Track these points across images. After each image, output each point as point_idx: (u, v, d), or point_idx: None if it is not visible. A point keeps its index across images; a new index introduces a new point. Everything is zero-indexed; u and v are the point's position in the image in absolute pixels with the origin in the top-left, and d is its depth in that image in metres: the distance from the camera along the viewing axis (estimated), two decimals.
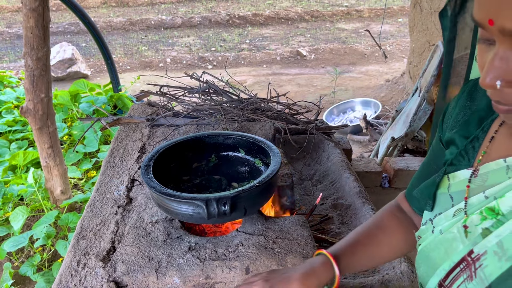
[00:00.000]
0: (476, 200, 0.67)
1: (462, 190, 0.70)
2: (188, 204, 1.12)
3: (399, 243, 0.92)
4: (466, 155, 0.73)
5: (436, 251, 0.71)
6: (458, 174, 0.72)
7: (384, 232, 0.92)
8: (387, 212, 0.96)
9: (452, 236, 0.69)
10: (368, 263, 0.93)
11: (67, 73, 6.16)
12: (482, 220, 0.64)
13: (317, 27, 8.93)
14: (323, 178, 1.84)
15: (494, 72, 0.54)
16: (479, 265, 0.63)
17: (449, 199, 0.73)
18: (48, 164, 2.68)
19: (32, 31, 2.38)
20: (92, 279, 1.10)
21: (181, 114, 1.93)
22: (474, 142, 0.73)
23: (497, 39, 0.54)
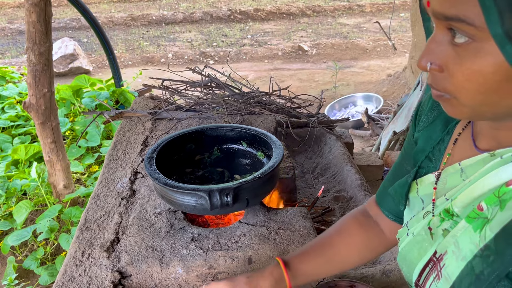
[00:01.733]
0: (439, 202, 0.68)
1: (429, 193, 0.72)
2: (191, 195, 1.13)
3: (359, 247, 0.90)
4: (433, 157, 0.74)
5: (411, 252, 0.73)
6: (424, 179, 0.74)
7: (341, 236, 0.90)
8: (349, 217, 0.93)
9: (421, 237, 0.70)
10: (325, 269, 0.90)
11: (69, 68, 6.17)
12: (441, 222, 0.66)
13: (319, 22, 8.91)
14: (324, 171, 1.85)
15: (428, 55, 0.55)
16: (443, 264, 0.64)
17: (420, 202, 0.74)
18: (51, 159, 2.70)
19: (34, 26, 2.39)
20: (96, 269, 1.12)
21: (184, 108, 1.94)
22: (440, 145, 0.74)
23: (435, 23, 0.54)
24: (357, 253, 0.90)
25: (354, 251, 0.90)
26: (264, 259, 1.13)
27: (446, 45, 0.53)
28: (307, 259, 0.88)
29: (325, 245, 0.89)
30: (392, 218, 0.87)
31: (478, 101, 0.54)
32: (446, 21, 0.51)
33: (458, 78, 0.53)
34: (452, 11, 0.50)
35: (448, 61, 0.54)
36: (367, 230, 0.91)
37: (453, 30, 0.52)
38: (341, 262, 0.90)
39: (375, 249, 0.92)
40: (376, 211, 0.91)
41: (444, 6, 0.50)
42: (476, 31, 0.49)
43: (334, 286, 1.09)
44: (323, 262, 0.88)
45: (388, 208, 0.87)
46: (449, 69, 0.54)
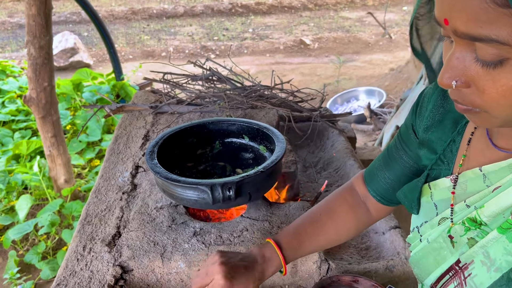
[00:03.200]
0: (458, 208, 0.67)
1: (445, 199, 0.70)
2: (193, 189, 1.12)
3: (347, 228, 0.94)
4: (445, 159, 0.73)
5: (425, 258, 0.72)
6: (438, 183, 0.72)
7: (331, 218, 0.93)
8: (338, 196, 0.96)
9: (439, 245, 0.69)
10: (314, 249, 0.95)
11: (69, 62, 6.15)
12: (466, 231, 0.65)
13: (321, 16, 8.86)
14: (327, 166, 1.83)
15: (450, 72, 0.53)
16: (468, 274, 0.63)
17: (433, 208, 0.73)
18: (51, 153, 2.69)
19: (35, 19, 2.37)
20: (98, 263, 1.11)
21: (185, 102, 1.92)
22: (451, 146, 0.72)
23: (453, 39, 0.53)
24: (345, 233, 0.95)
25: (343, 231, 0.94)
26: None
27: (472, 62, 0.52)
28: (299, 245, 0.91)
29: (316, 226, 0.92)
30: (378, 199, 0.90)
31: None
32: (472, 41, 0.50)
33: (492, 95, 0.51)
34: (480, 31, 0.47)
35: (477, 78, 0.52)
36: (356, 211, 0.93)
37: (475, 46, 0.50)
38: (329, 241, 0.94)
39: (362, 227, 0.96)
40: (363, 190, 0.93)
41: (470, 26, 0.48)
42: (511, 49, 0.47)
43: (337, 281, 1.08)
44: (311, 245, 0.92)
45: (375, 189, 0.90)
46: (479, 86, 0.52)
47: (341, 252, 1.33)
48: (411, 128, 0.81)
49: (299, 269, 1.15)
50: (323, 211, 0.94)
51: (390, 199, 0.89)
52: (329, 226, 0.92)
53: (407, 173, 0.84)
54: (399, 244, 1.29)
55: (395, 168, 0.85)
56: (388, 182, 0.87)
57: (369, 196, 0.91)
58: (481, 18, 0.46)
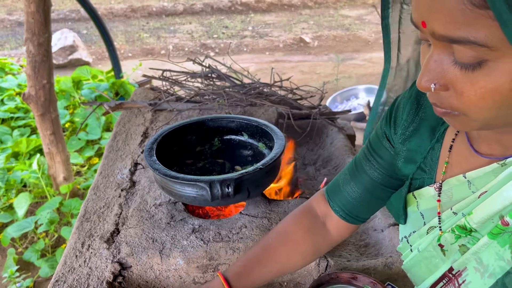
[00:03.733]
0: (445, 216, 0.67)
1: (431, 207, 0.70)
2: (192, 186, 1.12)
3: (302, 253, 0.88)
4: (426, 167, 0.72)
5: (417, 267, 0.72)
6: (423, 192, 0.71)
7: (284, 244, 0.87)
8: (293, 220, 0.89)
9: (430, 254, 0.69)
10: (265, 277, 0.87)
11: (68, 60, 6.13)
12: (457, 238, 0.64)
13: (321, 14, 8.85)
14: (326, 163, 1.83)
15: (429, 75, 0.53)
16: (462, 281, 0.63)
17: (420, 217, 0.72)
18: (50, 151, 2.69)
19: (33, 16, 2.37)
20: (96, 260, 1.11)
21: (184, 99, 1.92)
22: (431, 154, 0.71)
23: (431, 42, 0.52)
24: (300, 259, 0.88)
25: (296, 257, 0.88)
26: None
27: (450, 64, 0.51)
28: (249, 274, 0.85)
29: (267, 253, 0.86)
30: (342, 215, 0.85)
31: (491, 116, 0.52)
32: (450, 43, 0.49)
33: (470, 97, 0.51)
34: (458, 33, 0.47)
35: (455, 80, 0.51)
36: (315, 234, 0.87)
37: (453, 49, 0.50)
38: (282, 269, 0.88)
39: (320, 250, 0.90)
40: (324, 208, 0.88)
41: (447, 28, 0.47)
42: (489, 51, 0.46)
43: (336, 277, 1.08)
44: (265, 273, 0.86)
45: (340, 205, 0.85)
46: (457, 88, 0.52)
47: (340, 249, 1.33)
48: (384, 137, 0.79)
49: None
50: (276, 236, 0.88)
51: (356, 215, 0.84)
52: (281, 252, 0.86)
53: (377, 184, 0.80)
54: (398, 241, 1.29)
55: (364, 180, 0.81)
56: (356, 196, 0.82)
57: (331, 214, 0.86)
58: (458, 20, 0.46)
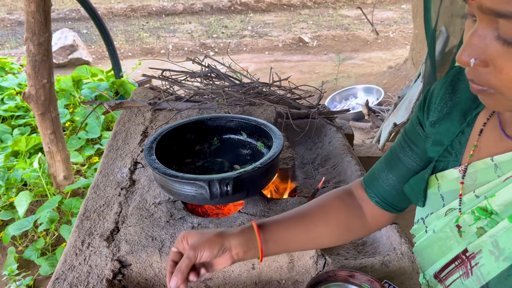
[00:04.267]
0: (467, 199, 0.67)
1: (453, 190, 0.70)
2: (191, 184, 1.13)
3: (339, 226, 0.86)
4: (453, 150, 0.72)
5: (430, 248, 0.72)
6: (446, 174, 0.71)
7: (322, 211, 0.85)
8: (334, 195, 0.89)
9: (445, 235, 0.69)
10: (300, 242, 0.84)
11: (68, 59, 6.14)
12: (476, 220, 0.64)
13: (320, 14, 8.86)
14: (324, 162, 1.84)
15: (470, 50, 0.53)
16: (475, 263, 0.63)
17: (440, 199, 0.72)
18: (50, 150, 2.70)
19: (34, 16, 2.38)
20: (96, 258, 1.12)
21: (183, 98, 1.93)
22: (460, 137, 0.71)
23: (477, 16, 0.52)
24: (336, 232, 0.87)
25: (333, 229, 0.86)
26: None
27: (492, 40, 0.51)
28: (284, 227, 0.83)
29: (305, 217, 0.84)
30: (378, 202, 0.85)
31: None
32: (496, 17, 0.49)
33: (509, 75, 0.51)
34: (506, 7, 0.47)
35: (496, 57, 0.51)
36: (350, 210, 0.87)
37: None
38: (318, 238, 0.86)
39: (354, 231, 0.89)
40: (361, 194, 0.88)
41: (495, 1, 0.48)
42: None
43: (334, 275, 1.09)
44: (299, 234, 0.83)
45: (376, 192, 0.85)
46: (497, 65, 0.52)
47: (337, 247, 1.34)
48: (418, 124, 0.79)
49: (296, 264, 1.16)
50: (315, 205, 0.87)
51: (392, 204, 0.84)
52: (319, 220, 0.85)
53: (413, 172, 0.80)
54: (395, 240, 1.30)
55: (399, 169, 0.82)
56: (391, 184, 0.82)
57: (367, 200, 0.87)
58: None
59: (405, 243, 1.29)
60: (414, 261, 1.22)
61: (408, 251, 1.24)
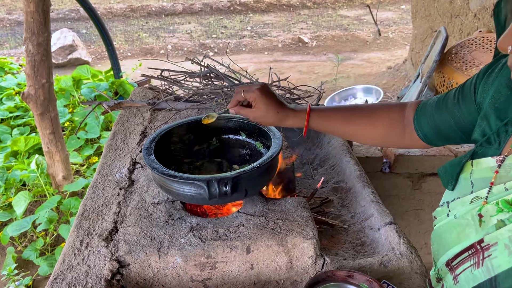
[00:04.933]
0: (496, 190, 0.66)
1: (485, 178, 0.69)
2: (190, 184, 1.13)
3: (380, 133, 0.99)
4: (498, 138, 0.71)
5: (448, 233, 0.72)
6: (482, 162, 0.71)
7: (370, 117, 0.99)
8: (388, 107, 1.01)
9: (466, 222, 0.69)
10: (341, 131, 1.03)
11: (67, 59, 6.14)
12: (498, 212, 0.64)
13: (319, 14, 8.86)
14: (323, 162, 1.84)
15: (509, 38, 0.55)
16: (488, 255, 0.63)
17: (469, 185, 0.72)
18: (49, 150, 2.70)
19: (33, 16, 2.38)
20: (95, 258, 1.12)
21: (182, 98, 1.93)
22: (508, 126, 0.70)
23: None
24: (372, 136, 1.01)
25: (371, 134, 1.00)
26: (262, 249, 1.14)
27: None
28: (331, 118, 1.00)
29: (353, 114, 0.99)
30: (418, 131, 0.93)
31: None
32: None
33: None
34: None
35: None
36: (393, 127, 0.98)
37: None
38: (355, 135, 1.02)
39: (390, 143, 1.02)
40: (410, 117, 0.97)
41: None
42: None
43: (332, 276, 1.09)
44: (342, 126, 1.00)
45: (420, 122, 0.93)
46: None
47: (336, 247, 1.34)
48: (473, 87, 0.81)
49: (294, 264, 1.16)
50: (369, 108, 1.01)
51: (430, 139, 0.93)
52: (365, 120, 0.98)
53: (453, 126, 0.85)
54: (394, 240, 1.30)
55: (443, 115, 0.87)
56: (433, 124, 0.89)
57: (411, 125, 0.95)
58: None
59: (404, 243, 1.29)
60: (412, 261, 1.22)
61: (407, 251, 1.24)
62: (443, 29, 3.10)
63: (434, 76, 3.10)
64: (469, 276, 0.66)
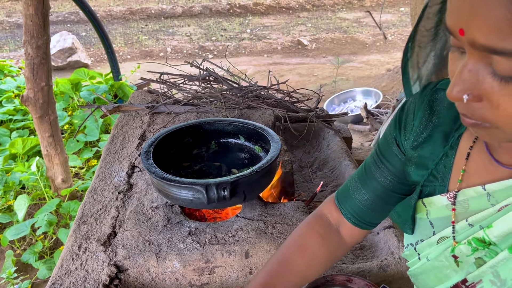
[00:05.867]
0: (460, 227, 0.64)
1: (443, 217, 0.67)
2: (188, 189, 1.13)
3: (321, 262, 0.86)
4: (438, 174, 0.69)
5: (425, 275, 0.70)
6: (434, 201, 0.69)
7: (302, 255, 0.85)
8: (308, 229, 0.88)
9: (441, 264, 0.67)
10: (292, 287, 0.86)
11: (67, 62, 6.14)
12: (474, 251, 0.62)
13: (318, 17, 8.88)
14: (322, 166, 1.84)
15: (462, 85, 0.50)
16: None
17: (429, 226, 0.70)
18: (49, 153, 2.69)
19: (32, 19, 2.38)
20: (93, 263, 1.12)
21: (181, 102, 1.93)
22: (444, 161, 0.68)
23: (467, 50, 0.49)
24: (319, 267, 0.87)
25: (316, 266, 0.86)
26: (261, 253, 1.13)
27: (486, 75, 0.48)
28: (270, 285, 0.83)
29: (287, 266, 0.84)
30: (354, 222, 0.83)
31: None
32: (490, 53, 0.46)
33: (507, 111, 0.48)
34: (502, 44, 0.44)
35: (491, 92, 0.48)
36: (330, 242, 0.86)
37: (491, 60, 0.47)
38: (304, 278, 0.87)
39: (337, 257, 0.89)
40: (337, 216, 0.86)
41: (491, 38, 0.44)
42: None
43: (331, 280, 1.09)
44: (288, 285, 0.84)
45: (350, 211, 0.83)
46: (493, 101, 0.49)
47: None
48: (393, 143, 0.76)
49: None
50: (293, 248, 0.86)
51: (368, 221, 0.83)
52: (300, 264, 0.85)
53: (387, 190, 0.78)
54: (393, 244, 1.30)
55: (373, 186, 0.79)
56: (366, 203, 0.81)
57: (343, 220, 0.85)
58: (504, 30, 0.43)
59: (403, 247, 1.28)
60: None
61: None
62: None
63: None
64: None
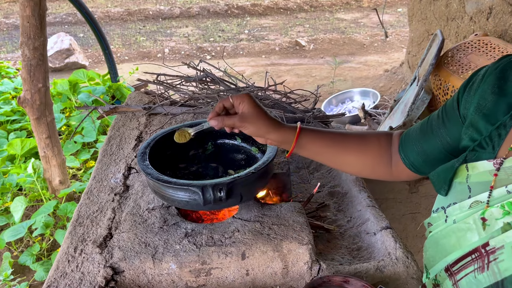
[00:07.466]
0: (497, 193, 0.65)
1: (483, 182, 0.67)
2: (184, 190, 1.12)
3: (365, 164, 0.96)
4: (491, 142, 0.69)
5: (447, 238, 0.70)
6: (478, 165, 0.69)
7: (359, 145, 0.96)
8: (376, 136, 0.99)
9: (466, 226, 0.67)
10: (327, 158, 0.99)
11: (64, 63, 6.14)
12: (505, 215, 0.62)
13: (316, 17, 8.88)
14: (320, 166, 1.84)
15: None
16: (494, 258, 0.62)
17: (466, 190, 0.70)
18: (46, 154, 2.69)
19: (29, 20, 2.37)
20: (89, 265, 1.11)
21: (178, 103, 1.93)
22: (500, 129, 0.68)
23: None
24: (360, 166, 0.98)
25: (359, 163, 0.96)
26: (257, 255, 1.13)
27: None
28: (319, 143, 0.95)
29: (342, 141, 0.95)
30: (404, 160, 0.91)
31: None
32: None
33: None
34: None
35: None
36: (381, 156, 0.95)
37: None
38: (342, 163, 0.98)
39: (377, 173, 0.98)
40: (395, 148, 0.95)
41: None
42: None
43: (328, 281, 1.09)
44: (328, 152, 0.96)
45: (406, 151, 0.91)
46: None
47: (332, 252, 1.34)
48: (456, 103, 0.80)
49: (290, 270, 1.16)
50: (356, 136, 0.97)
51: (416, 166, 0.90)
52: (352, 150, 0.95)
53: (441, 148, 0.83)
54: (390, 245, 1.29)
55: (430, 140, 0.85)
56: (420, 150, 0.87)
57: (397, 153, 0.93)
58: None
59: (400, 248, 1.28)
60: (409, 266, 1.22)
61: (403, 256, 1.24)
62: (439, 32, 3.10)
63: (431, 79, 3.10)
64: (472, 281, 0.64)
